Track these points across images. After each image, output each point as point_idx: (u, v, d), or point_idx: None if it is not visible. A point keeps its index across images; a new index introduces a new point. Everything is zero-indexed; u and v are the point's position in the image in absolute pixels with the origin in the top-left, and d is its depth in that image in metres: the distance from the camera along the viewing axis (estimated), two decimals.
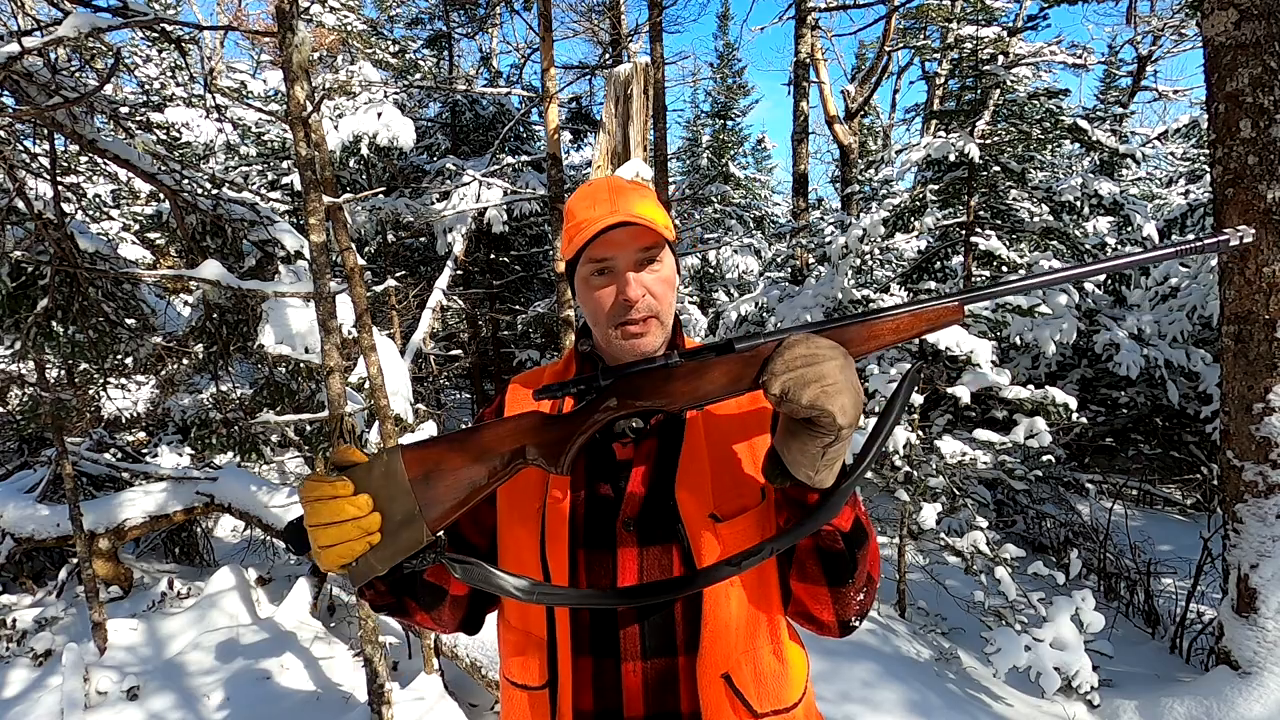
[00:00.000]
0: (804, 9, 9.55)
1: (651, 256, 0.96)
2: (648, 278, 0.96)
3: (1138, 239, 6.93)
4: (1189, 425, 6.42)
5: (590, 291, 0.97)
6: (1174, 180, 11.81)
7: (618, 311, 0.95)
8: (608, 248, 0.94)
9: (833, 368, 0.76)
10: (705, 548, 0.90)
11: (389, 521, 0.78)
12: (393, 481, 0.78)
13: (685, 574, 0.89)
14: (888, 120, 17.13)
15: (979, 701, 3.32)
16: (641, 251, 0.95)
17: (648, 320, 0.95)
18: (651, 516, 0.94)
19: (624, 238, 0.93)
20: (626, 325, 0.95)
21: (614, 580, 0.93)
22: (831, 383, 0.75)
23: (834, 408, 0.74)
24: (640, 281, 0.95)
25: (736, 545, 0.90)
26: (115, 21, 2.52)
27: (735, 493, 0.93)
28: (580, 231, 0.94)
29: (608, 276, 0.96)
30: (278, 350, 3.71)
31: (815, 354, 0.77)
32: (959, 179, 6.37)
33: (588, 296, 0.98)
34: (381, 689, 2.96)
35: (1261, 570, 3.07)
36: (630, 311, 0.94)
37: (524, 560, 0.96)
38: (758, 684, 0.92)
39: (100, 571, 4.55)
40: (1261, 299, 3.02)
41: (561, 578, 0.92)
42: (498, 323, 10.14)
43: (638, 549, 0.93)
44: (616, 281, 0.95)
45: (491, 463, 0.82)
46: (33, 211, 3.06)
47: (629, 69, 4.34)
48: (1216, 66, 3.08)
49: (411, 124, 7.31)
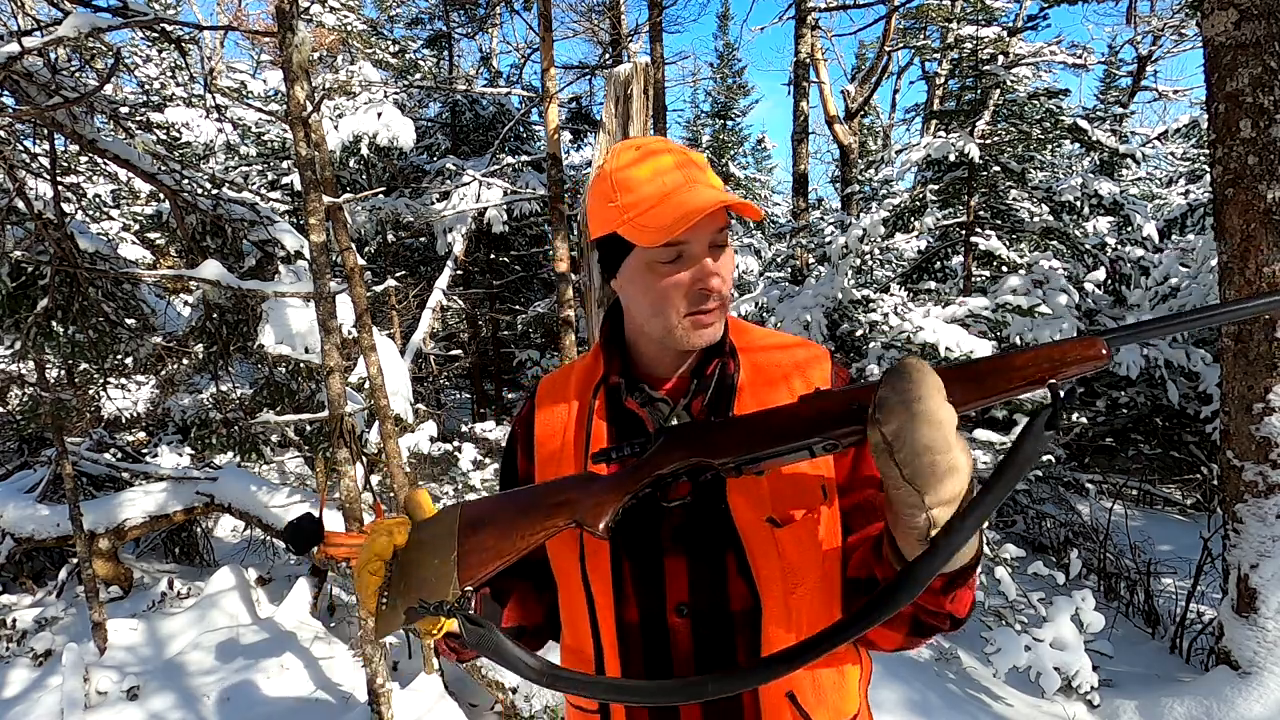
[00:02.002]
0: (804, 9, 9.55)
1: (724, 240, 0.87)
2: (721, 262, 0.86)
3: (1138, 239, 6.93)
4: (1189, 425, 6.42)
5: (657, 279, 0.85)
6: (1174, 180, 11.81)
7: (694, 300, 0.85)
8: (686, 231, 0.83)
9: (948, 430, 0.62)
10: (761, 557, 0.83)
11: (421, 569, 0.77)
12: (442, 527, 0.79)
13: (743, 666, 0.82)
14: (888, 120, 17.13)
15: (979, 701, 3.32)
16: (717, 233, 0.85)
17: (720, 307, 0.87)
18: (701, 523, 0.86)
19: (704, 219, 0.82)
20: (700, 315, 0.86)
21: (662, 593, 0.86)
22: (941, 452, 0.61)
23: (928, 490, 0.62)
24: (718, 269, 0.86)
25: (798, 554, 0.83)
26: (115, 21, 2.52)
27: (795, 492, 0.84)
28: (659, 210, 0.82)
29: (680, 262, 0.85)
30: (278, 350, 3.71)
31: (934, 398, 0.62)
32: (959, 179, 6.37)
33: (652, 283, 0.86)
34: (381, 689, 2.96)
35: (1261, 570, 3.07)
36: (707, 300, 0.85)
37: (566, 573, 0.91)
38: (818, 696, 0.86)
39: (100, 571, 4.55)
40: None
41: (605, 593, 0.87)
42: (498, 323, 10.14)
43: (686, 559, 0.86)
44: (691, 268, 0.85)
45: (536, 518, 0.78)
46: (33, 211, 3.06)
47: (629, 69, 4.34)
48: (1216, 66, 3.08)
49: (411, 124, 7.32)
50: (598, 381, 0.95)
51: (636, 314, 0.91)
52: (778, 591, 0.84)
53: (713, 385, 0.91)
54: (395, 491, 3.26)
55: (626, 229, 0.85)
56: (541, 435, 0.98)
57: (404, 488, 3.26)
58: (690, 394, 0.92)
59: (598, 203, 0.89)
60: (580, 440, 0.93)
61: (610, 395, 0.94)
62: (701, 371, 0.92)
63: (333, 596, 4.71)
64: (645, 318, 0.90)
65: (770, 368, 0.93)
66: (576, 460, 0.92)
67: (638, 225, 0.84)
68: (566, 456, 0.93)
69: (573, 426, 0.95)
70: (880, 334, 5.12)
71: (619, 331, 0.97)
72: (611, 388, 0.93)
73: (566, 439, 0.95)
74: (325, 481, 5.00)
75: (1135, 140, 12.96)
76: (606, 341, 0.97)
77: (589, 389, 0.96)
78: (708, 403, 0.91)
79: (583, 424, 0.94)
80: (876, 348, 5.22)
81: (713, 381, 0.91)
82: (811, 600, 0.85)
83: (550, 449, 0.96)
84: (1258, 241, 2.99)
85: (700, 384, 0.92)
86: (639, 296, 0.89)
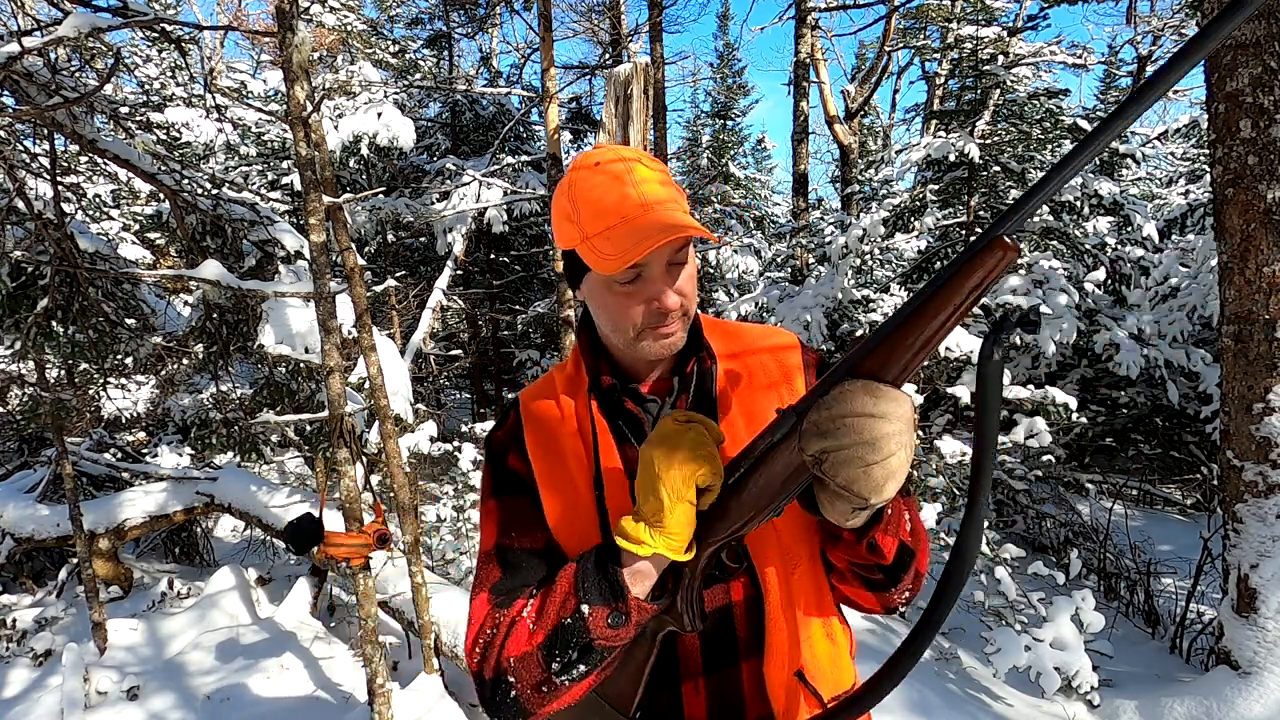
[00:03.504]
0: (804, 9, 9.55)
1: (683, 258, 0.88)
2: (682, 280, 0.88)
3: (1138, 239, 6.93)
4: (1189, 425, 6.42)
5: (614, 298, 0.88)
6: (1174, 180, 11.82)
7: (651, 319, 0.87)
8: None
9: (885, 435, 0.65)
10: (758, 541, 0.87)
11: None
12: None
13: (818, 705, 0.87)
14: (888, 120, 17.14)
15: (979, 701, 3.32)
16: (676, 253, 0.86)
17: (678, 321, 0.89)
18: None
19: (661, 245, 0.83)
20: (659, 329, 0.88)
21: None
22: (876, 462, 0.64)
23: (868, 492, 0.65)
24: (675, 289, 0.87)
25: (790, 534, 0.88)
26: (115, 21, 2.52)
27: None
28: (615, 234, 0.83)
29: (639, 283, 0.86)
30: (278, 350, 3.71)
31: (868, 413, 0.65)
32: (959, 179, 6.37)
33: (610, 302, 0.88)
34: (381, 689, 2.96)
35: (1261, 570, 3.07)
36: (664, 320, 0.87)
37: None
38: (818, 670, 0.89)
39: (100, 571, 4.55)
40: (1261, 299, 3.02)
41: None
42: (498, 323, 10.14)
43: None
44: (648, 290, 0.86)
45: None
46: (33, 211, 3.06)
47: (629, 69, 4.34)
48: (1216, 66, 3.08)
49: (411, 124, 7.32)
50: (587, 387, 0.95)
51: (601, 325, 0.94)
52: (778, 575, 0.86)
53: (693, 384, 0.95)
54: (395, 491, 3.26)
55: (583, 250, 0.86)
56: (536, 440, 0.96)
57: (404, 488, 3.26)
58: (675, 393, 0.95)
59: (559, 217, 0.91)
60: (588, 441, 0.93)
61: (604, 397, 0.95)
62: (681, 369, 0.96)
63: (333, 596, 4.71)
64: (608, 330, 0.92)
65: (746, 355, 0.98)
66: (588, 460, 0.92)
67: (595, 251, 0.84)
68: (577, 455, 0.93)
69: (574, 428, 0.94)
70: None
71: (596, 337, 0.98)
72: (605, 390, 0.94)
73: (573, 443, 0.94)
74: (325, 481, 5.00)
75: (1135, 140, 12.95)
76: (588, 348, 0.97)
77: (578, 392, 0.96)
78: (691, 403, 0.95)
79: (585, 425, 0.94)
80: None
81: (693, 380, 0.95)
82: (805, 581, 0.89)
83: (552, 452, 0.95)
84: (1258, 241, 2.99)
85: (682, 382, 0.96)
86: (599, 312, 0.92)
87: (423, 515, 5.00)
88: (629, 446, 0.92)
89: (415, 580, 3.24)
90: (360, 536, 2.81)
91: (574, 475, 0.92)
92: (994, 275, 0.65)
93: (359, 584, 2.93)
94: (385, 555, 3.91)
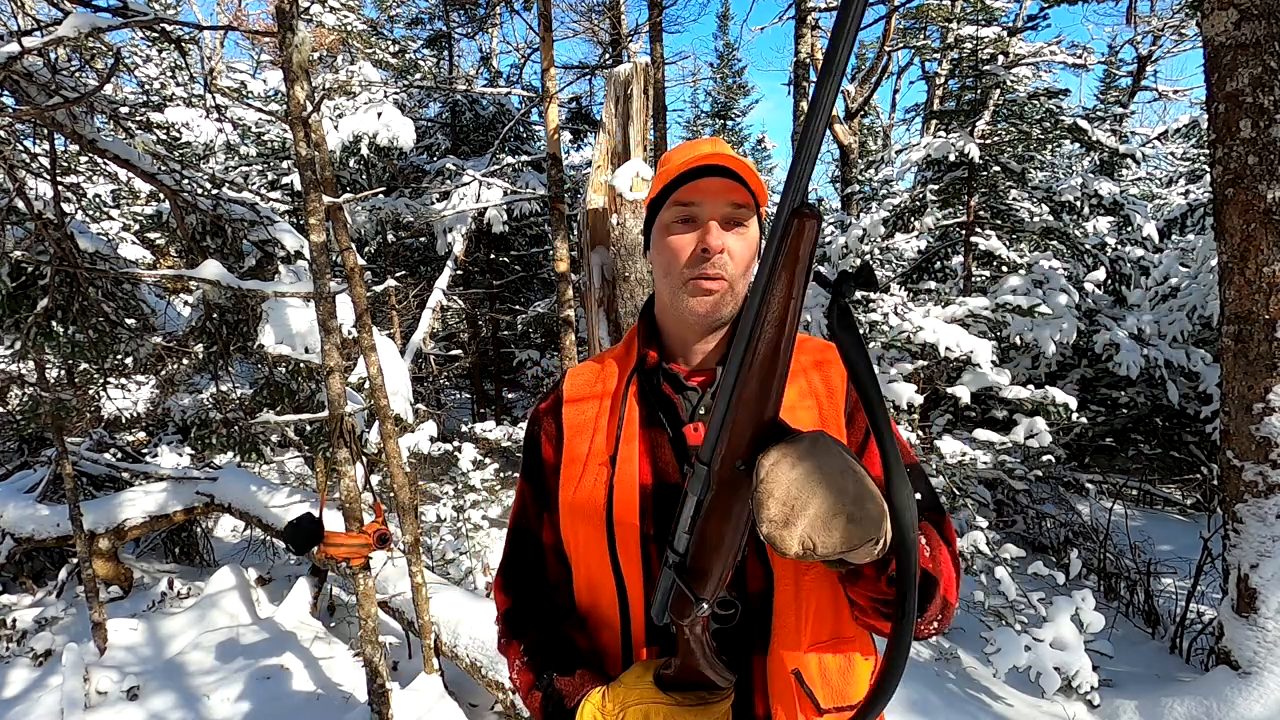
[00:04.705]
0: (804, 9, 9.55)
1: (740, 218, 0.90)
2: (731, 238, 0.90)
3: (1138, 239, 6.93)
4: (1189, 425, 6.42)
5: (667, 237, 0.92)
6: (1174, 180, 11.82)
7: (694, 261, 0.89)
8: (697, 193, 0.89)
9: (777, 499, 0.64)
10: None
11: None
12: None
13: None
14: (888, 120, 17.12)
15: (979, 701, 3.32)
16: (731, 207, 0.89)
17: (720, 280, 0.89)
18: None
19: (717, 187, 0.88)
20: (699, 279, 0.89)
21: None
22: (811, 525, 0.63)
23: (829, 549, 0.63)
24: (723, 235, 0.89)
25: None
26: (115, 21, 2.52)
27: None
28: (675, 164, 0.90)
29: (690, 225, 0.90)
30: (278, 350, 3.70)
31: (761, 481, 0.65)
32: (959, 179, 6.37)
33: (663, 244, 0.92)
34: (381, 689, 2.96)
35: (1261, 570, 3.07)
36: (705, 264, 0.89)
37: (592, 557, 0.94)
38: (823, 679, 0.89)
39: (100, 571, 4.55)
40: (1261, 299, 3.02)
41: (635, 577, 0.90)
42: (498, 323, 10.14)
43: None
44: (698, 231, 0.90)
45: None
46: (33, 211, 3.06)
47: (629, 69, 4.34)
48: (1216, 66, 3.08)
49: (411, 124, 7.32)
50: (632, 367, 0.99)
51: (657, 281, 0.97)
52: (790, 572, 0.87)
53: None
54: (395, 491, 3.26)
55: (653, 190, 0.95)
56: (571, 414, 1.01)
57: (404, 488, 3.25)
58: (715, 385, 0.96)
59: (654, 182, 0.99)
60: (614, 419, 0.96)
61: (645, 377, 0.97)
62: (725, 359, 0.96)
63: (333, 596, 4.71)
64: (659, 280, 0.96)
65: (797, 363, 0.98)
66: (609, 436, 0.95)
67: (658, 184, 0.93)
68: (601, 431, 0.97)
69: (607, 406, 0.99)
70: (880, 334, 5.13)
71: (652, 318, 1.02)
72: (648, 371, 0.97)
73: (602, 419, 0.98)
74: (325, 481, 5.00)
75: (1135, 140, 12.96)
76: (642, 327, 1.01)
77: (624, 374, 0.99)
78: None
79: (617, 403, 0.97)
80: (876, 348, 5.22)
81: None
82: (820, 585, 0.88)
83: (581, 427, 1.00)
84: (1258, 241, 2.99)
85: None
86: (656, 258, 0.95)
87: (423, 515, 5.00)
88: (658, 431, 0.94)
89: (415, 580, 3.24)
90: (360, 536, 2.81)
91: (595, 450, 0.96)
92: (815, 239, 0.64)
93: (359, 584, 2.93)
94: (385, 555, 3.91)
